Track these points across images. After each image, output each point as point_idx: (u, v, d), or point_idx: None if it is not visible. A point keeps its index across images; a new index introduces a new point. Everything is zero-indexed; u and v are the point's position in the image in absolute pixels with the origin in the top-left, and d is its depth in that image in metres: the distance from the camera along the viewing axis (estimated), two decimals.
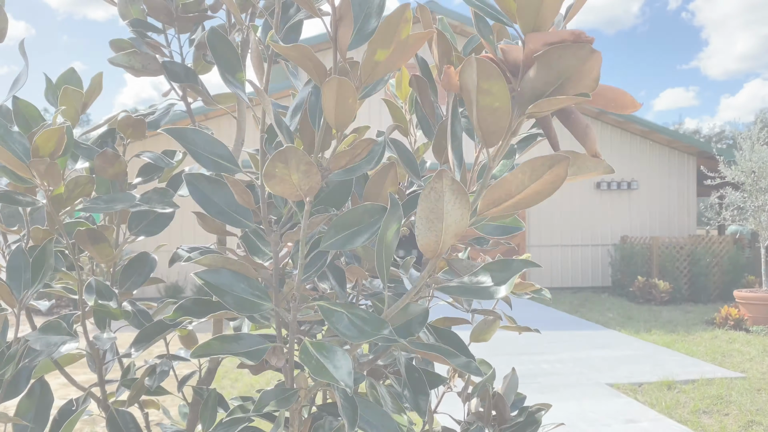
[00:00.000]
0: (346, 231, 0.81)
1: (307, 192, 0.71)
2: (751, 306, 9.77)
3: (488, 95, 0.63)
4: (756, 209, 10.19)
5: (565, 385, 6.62)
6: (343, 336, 0.73)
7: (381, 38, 0.65)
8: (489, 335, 1.46)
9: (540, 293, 1.51)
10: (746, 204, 10.20)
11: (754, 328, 9.48)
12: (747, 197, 10.29)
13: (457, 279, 0.78)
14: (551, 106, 0.64)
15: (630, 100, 0.70)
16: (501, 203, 0.68)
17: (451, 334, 0.94)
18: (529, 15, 0.63)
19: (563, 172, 0.64)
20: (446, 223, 0.68)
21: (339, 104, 0.67)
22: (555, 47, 0.61)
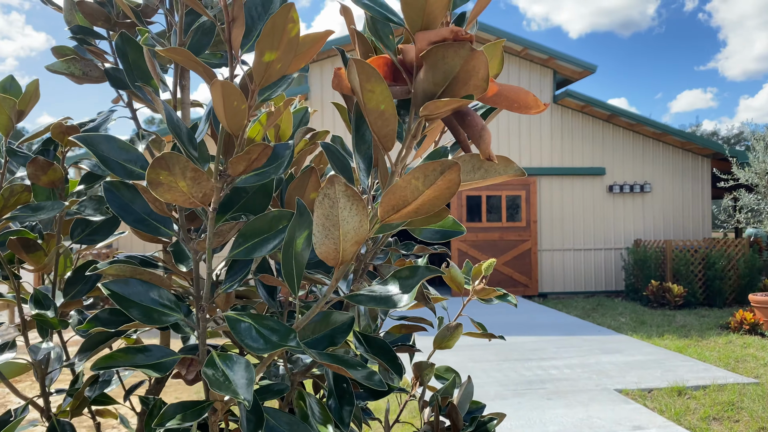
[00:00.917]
0: (255, 239, 0.78)
1: (201, 199, 0.69)
2: (767, 310, 9.60)
3: (373, 97, 0.60)
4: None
5: (572, 390, 6.53)
6: (248, 347, 0.71)
7: (267, 39, 0.63)
8: (452, 342, 1.43)
9: (505, 298, 1.48)
10: (760, 206, 10.03)
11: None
12: (761, 199, 10.12)
13: (367, 288, 0.76)
14: (440, 108, 0.61)
15: (533, 100, 0.67)
16: (400, 209, 0.66)
17: (383, 343, 0.92)
18: (415, 12, 0.61)
19: (456, 178, 0.61)
20: (344, 231, 0.65)
21: (227, 107, 0.65)
22: (437, 46, 0.58)
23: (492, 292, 1.44)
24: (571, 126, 14.33)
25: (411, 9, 0.61)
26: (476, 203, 14.01)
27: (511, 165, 0.69)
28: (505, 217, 14.02)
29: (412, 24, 0.62)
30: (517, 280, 14.01)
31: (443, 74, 0.60)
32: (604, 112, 14.09)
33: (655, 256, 12.84)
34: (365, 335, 0.91)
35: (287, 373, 0.93)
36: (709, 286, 12.46)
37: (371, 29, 0.72)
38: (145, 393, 1.24)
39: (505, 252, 13.98)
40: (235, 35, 0.67)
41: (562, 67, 14.18)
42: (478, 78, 0.59)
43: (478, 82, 0.60)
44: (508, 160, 0.69)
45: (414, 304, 1.42)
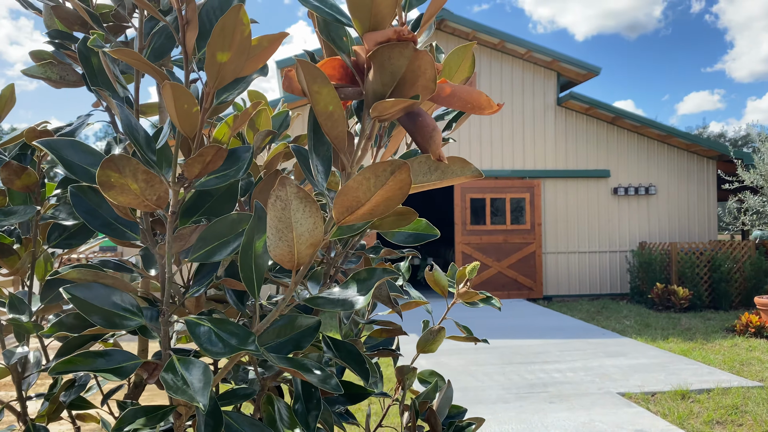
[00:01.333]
0: (215, 242, 0.78)
1: (156, 203, 0.69)
2: None
3: (320, 99, 0.60)
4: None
5: (575, 394, 6.50)
6: (206, 351, 0.71)
7: (218, 40, 0.63)
8: (435, 346, 1.42)
9: (489, 301, 1.47)
10: (765, 208, 9.96)
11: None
12: (767, 201, 10.05)
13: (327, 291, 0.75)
14: (388, 109, 0.61)
15: (486, 101, 0.67)
16: (354, 210, 0.65)
17: (351, 347, 0.91)
18: (362, 13, 0.61)
19: (407, 178, 0.61)
20: (297, 233, 0.65)
21: (178, 109, 0.65)
22: (383, 47, 0.58)
23: (475, 295, 1.44)
24: (575, 128, 14.29)
25: (358, 10, 0.60)
26: (480, 206, 13.98)
27: (468, 166, 0.68)
28: (509, 219, 13.98)
29: (360, 25, 0.62)
30: (521, 283, 13.97)
31: (390, 75, 0.60)
32: (608, 115, 14.04)
33: (660, 259, 12.77)
34: (334, 340, 0.90)
35: (257, 378, 0.93)
36: (715, 289, 12.38)
37: (322, 31, 0.71)
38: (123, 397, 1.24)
39: (510, 255, 13.94)
40: (189, 38, 0.67)
41: (566, 70, 14.15)
42: (425, 79, 0.59)
43: (426, 83, 0.59)
44: (464, 162, 0.68)
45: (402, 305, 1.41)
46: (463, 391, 6.70)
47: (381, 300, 0.87)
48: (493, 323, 10.96)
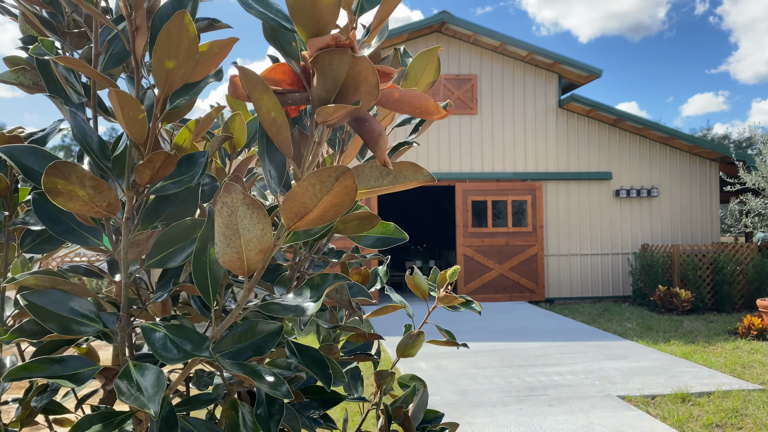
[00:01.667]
0: (170, 248, 0.78)
1: (107, 209, 0.69)
2: None
3: (262, 105, 0.60)
4: None
5: (575, 397, 6.48)
6: (160, 357, 0.70)
7: (163, 47, 0.63)
8: (415, 350, 1.41)
9: (469, 305, 1.46)
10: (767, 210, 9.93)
11: None
12: None
13: (280, 297, 0.75)
14: (331, 114, 0.61)
15: (434, 106, 0.66)
16: (303, 216, 0.65)
17: (315, 352, 0.91)
18: (304, 19, 0.60)
19: (352, 183, 0.61)
20: (245, 239, 0.65)
21: (125, 115, 0.65)
22: (323, 53, 0.58)
23: (454, 299, 1.43)
24: (577, 130, 14.27)
25: (299, 16, 0.60)
26: (482, 208, 13.97)
27: (420, 171, 0.68)
28: (511, 222, 13.96)
29: (303, 31, 0.62)
30: (523, 286, 13.95)
31: (332, 80, 0.60)
32: (610, 117, 14.02)
33: (663, 261, 12.73)
34: (298, 345, 0.90)
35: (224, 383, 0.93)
36: (718, 291, 12.33)
37: (269, 37, 0.71)
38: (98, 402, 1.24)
39: (511, 257, 13.92)
40: (138, 44, 0.67)
41: (568, 72, 14.13)
42: (368, 84, 0.59)
43: (368, 89, 0.59)
44: (416, 167, 0.68)
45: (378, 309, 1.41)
46: (462, 393, 6.68)
47: (343, 305, 0.87)
48: (494, 326, 10.94)
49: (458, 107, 13.99)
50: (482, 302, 13.79)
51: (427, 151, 13.84)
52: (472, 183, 13.92)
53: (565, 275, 14.09)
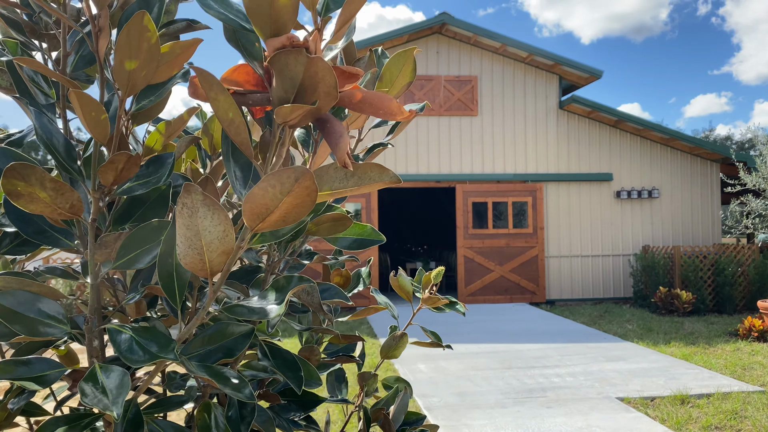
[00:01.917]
0: (137, 249, 0.78)
1: (70, 210, 0.68)
2: None
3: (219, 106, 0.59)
4: None
5: (573, 399, 6.46)
6: (124, 359, 0.70)
7: (124, 48, 0.63)
8: (398, 351, 1.41)
9: (454, 307, 1.46)
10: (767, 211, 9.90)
11: None
12: None
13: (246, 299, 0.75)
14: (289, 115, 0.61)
15: (396, 107, 0.66)
16: (265, 217, 0.64)
17: (287, 354, 0.90)
18: (262, 20, 0.60)
19: (311, 185, 0.60)
20: (207, 241, 0.64)
21: (86, 117, 0.64)
22: (279, 53, 0.57)
23: (438, 300, 1.43)
24: (577, 132, 14.25)
25: (257, 16, 0.60)
26: (482, 209, 13.96)
27: (386, 172, 0.68)
28: (511, 223, 13.95)
29: (262, 32, 0.61)
30: (524, 287, 13.93)
31: (290, 81, 0.59)
32: (611, 118, 14.00)
33: (664, 263, 12.70)
34: (271, 346, 0.90)
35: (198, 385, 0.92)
36: (719, 293, 12.30)
37: (230, 39, 0.71)
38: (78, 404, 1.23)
39: (512, 258, 13.90)
40: (101, 45, 0.67)
41: (568, 73, 14.12)
42: (325, 85, 0.59)
43: (327, 89, 0.59)
44: (382, 168, 0.68)
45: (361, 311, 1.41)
46: (461, 395, 6.67)
47: (313, 307, 0.87)
48: (494, 327, 10.92)
49: (458, 108, 13.99)
50: (483, 304, 13.77)
51: (427, 153, 13.84)
52: (473, 184, 13.91)
53: (566, 277, 14.06)
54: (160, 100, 0.78)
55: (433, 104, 13.91)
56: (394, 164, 13.68)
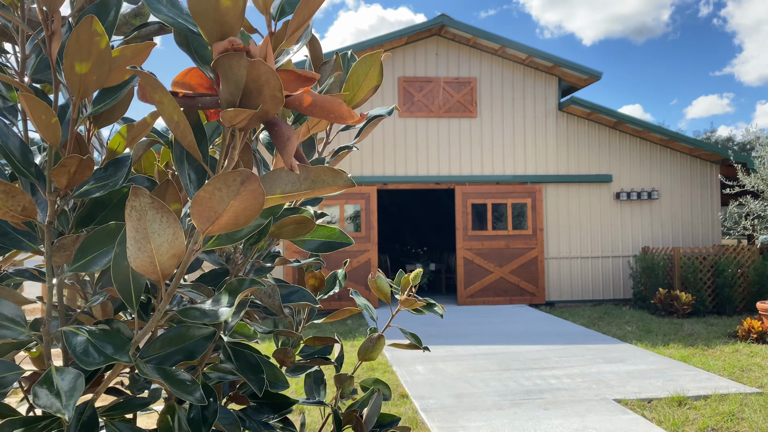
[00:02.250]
0: (95, 252, 0.78)
1: (23, 213, 0.69)
2: None
3: (163, 108, 0.60)
4: None
5: (570, 401, 6.45)
6: (79, 361, 0.70)
7: (74, 51, 0.63)
8: (375, 353, 1.41)
9: (431, 308, 1.46)
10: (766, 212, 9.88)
11: None
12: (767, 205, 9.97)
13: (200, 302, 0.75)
14: (234, 118, 0.61)
15: (346, 111, 0.66)
16: (215, 220, 0.65)
17: (251, 357, 0.91)
18: (208, 23, 0.60)
19: (257, 188, 0.60)
20: (156, 244, 0.65)
21: (36, 120, 0.65)
22: (222, 57, 0.58)
23: (415, 302, 1.43)
24: (577, 133, 14.25)
25: (202, 20, 0.60)
26: (482, 211, 13.96)
27: (340, 176, 0.68)
28: (511, 224, 13.94)
29: (208, 35, 0.62)
30: (524, 289, 13.92)
31: (235, 84, 0.60)
32: (610, 119, 14.00)
33: (663, 264, 12.69)
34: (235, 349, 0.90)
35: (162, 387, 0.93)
36: (719, 294, 12.28)
37: (181, 43, 0.71)
38: None
39: (512, 260, 13.89)
40: (53, 48, 0.67)
41: (567, 75, 14.12)
42: (270, 88, 0.59)
43: (271, 93, 0.59)
44: (336, 171, 0.68)
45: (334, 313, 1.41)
46: (458, 397, 6.67)
47: (273, 309, 0.87)
48: (494, 329, 10.91)
49: (458, 110, 13.99)
50: (482, 305, 13.77)
51: (426, 154, 13.84)
52: (472, 186, 13.91)
53: (566, 278, 14.05)
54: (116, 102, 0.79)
55: (432, 106, 13.92)
56: (393, 166, 13.69)
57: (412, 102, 13.89)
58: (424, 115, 13.88)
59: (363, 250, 13.62)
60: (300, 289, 0.96)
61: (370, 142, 13.67)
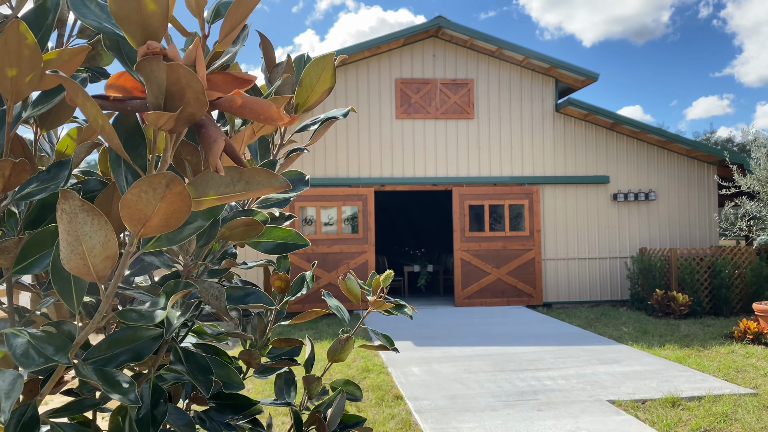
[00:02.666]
0: (36, 254, 0.79)
1: None
2: None
3: (87, 112, 0.60)
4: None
5: (564, 402, 6.45)
6: (19, 363, 0.71)
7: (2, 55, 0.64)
8: (344, 354, 1.41)
9: (401, 310, 1.46)
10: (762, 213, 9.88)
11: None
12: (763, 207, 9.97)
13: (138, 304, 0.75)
14: (158, 121, 0.61)
15: (276, 113, 0.67)
16: (145, 222, 0.65)
17: (201, 359, 0.91)
18: (132, 28, 0.61)
19: (182, 190, 0.61)
20: (88, 246, 0.65)
21: None
22: (142, 60, 0.58)
23: (383, 304, 1.43)
24: (574, 134, 14.26)
25: (126, 24, 0.61)
26: (479, 212, 13.96)
27: (275, 177, 0.68)
28: (508, 226, 13.94)
29: (133, 39, 0.62)
30: (521, 290, 13.92)
31: (158, 87, 0.60)
32: (607, 121, 14.00)
33: (660, 265, 12.69)
34: (186, 351, 0.90)
35: None
36: (715, 295, 12.28)
37: (111, 47, 0.72)
38: None
39: (509, 261, 13.89)
40: None
41: (564, 76, 14.13)
42: (193, 91, 0.59)
43: (195, 95, 0.60)
44: (270, 173, 0.68)
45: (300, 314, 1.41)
46: (452, 398, 6.67)
47: (220, 310, 0.87)
48: (490, 330, 10.91)
49: (455, 111, 14.00)
50: (480, 306, 13.76)
51: (424, 156, 13.85)
52: (469, 187, 13.91)
53: (563, 279, 14.05)
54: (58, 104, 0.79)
55: (429, 107, 13.92)
56: (390, 167, 13.69)
57: (409, 104, 13.90)
58: (422, 116, 13.89)
59: (360, 252, 13.62)
60: (256, 291, 0.96)
61: (367, 144, 13.69)
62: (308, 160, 13.50)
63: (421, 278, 16.10)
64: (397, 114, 13.81)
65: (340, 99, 13.69)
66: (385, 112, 13.81)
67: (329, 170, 13.62)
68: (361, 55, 13.72)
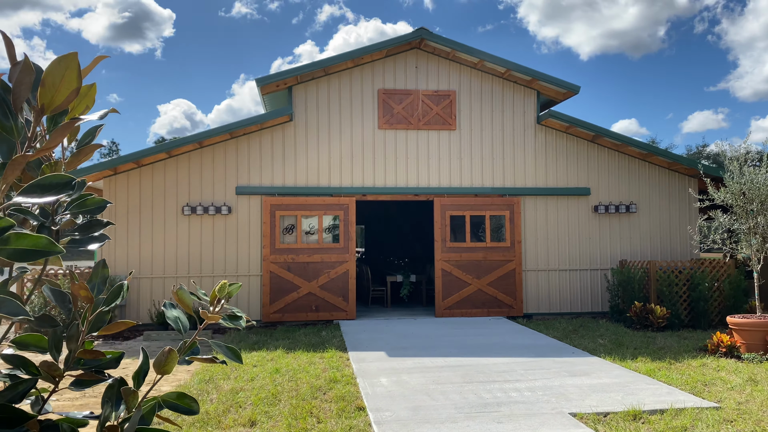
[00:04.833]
0: None
1: None
2: (744, 332, 9.40)
3: None
4: (747, 232, 9.86)
5: (526, 414, 6.41)
6: None
7: None
8: (169, 367, 1.39)
9: (236, 321, 1.44)
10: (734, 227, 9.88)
11: (747, 355, 9.09)
12: (736, 220, 9.97)
13: None
14: None
15: None
16: None
17: None
18: None
19: None
20: None
21: None
22: None
23: (217, 317, 1.42)
24: (555, 146, 14.28)
25: None
26: (460, 223, 13.95)
27: None
28: (489, 236, 13.93)
29: None
30: (501, 301, 13.88)
31: None
32: (588, 133, 14.03)
33: (640, 277, 12.67)
34: None
35: None
36: (694, 308, 12.26)
37: None
38: None
39: (490, 272, 13.87)
40: None
41: (546, 88, 14.17)
42: None
43: None
44: None
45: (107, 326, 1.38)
46: (414, 410, 6.61)
47: None
48: (466, 341, 10.85)
49: (437, 122, 14.02)
50: (460, 317, 13.71)
51: (405, 166, 13.85)
52: (451, 198, 13.91)
53: (544, 291, 14.02)
54: None
55: (411, 118, 13.94)
56: (372, 177, 13.69)
57: (391, 114, 13.92)
58: (404, 127, 13.91)
59: (341, 261, 13.58)
60: (7, 301, 0.94)
61: (349, 154, 13.69)
62: (290, 168, 13.49)
63: (404, 288, 16.04)
64: (379, 124, 13.83)
65: (323, 108, 13.71)
66: (368, 122, 13.82)
67: (311, 179, 13.60)
68: (344, 65, 13.76)
